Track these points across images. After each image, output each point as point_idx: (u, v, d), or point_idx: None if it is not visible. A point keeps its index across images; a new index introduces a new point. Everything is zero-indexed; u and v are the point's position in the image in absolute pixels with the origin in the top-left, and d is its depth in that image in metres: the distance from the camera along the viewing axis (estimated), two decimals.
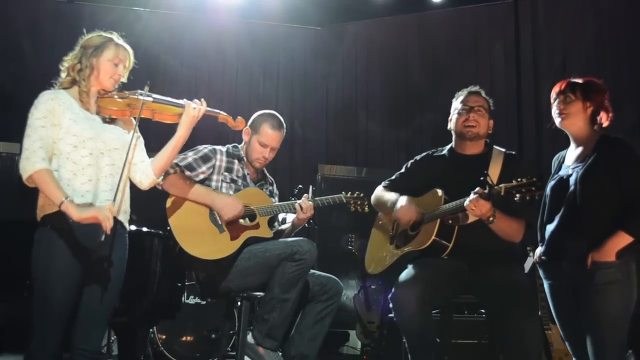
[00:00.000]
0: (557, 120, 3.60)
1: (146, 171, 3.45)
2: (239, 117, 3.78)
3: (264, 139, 4.16)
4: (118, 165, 3.26)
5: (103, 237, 3.03)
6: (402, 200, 3.94)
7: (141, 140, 3.50)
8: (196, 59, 8.68)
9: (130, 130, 3.39)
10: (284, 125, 4.26)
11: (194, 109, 3.46)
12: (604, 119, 3.57)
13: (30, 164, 3.03)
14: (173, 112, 3.46)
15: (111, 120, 3.35)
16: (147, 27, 7.75)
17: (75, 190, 3.13)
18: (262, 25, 8.83)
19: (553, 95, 3.62)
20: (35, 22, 7.79)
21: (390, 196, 4.08)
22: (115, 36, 3.40)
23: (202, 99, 3.54)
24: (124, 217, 3.34)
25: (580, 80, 3.60)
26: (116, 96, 3.35)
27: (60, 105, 3.17)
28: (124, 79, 3.43)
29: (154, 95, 3.42)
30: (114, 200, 3.13)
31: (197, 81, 8.67)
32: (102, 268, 3.17)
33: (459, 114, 3.97)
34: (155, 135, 3.73)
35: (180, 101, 3.50)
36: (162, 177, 3.88)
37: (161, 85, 8.12)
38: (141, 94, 3.35)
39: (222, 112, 3.69)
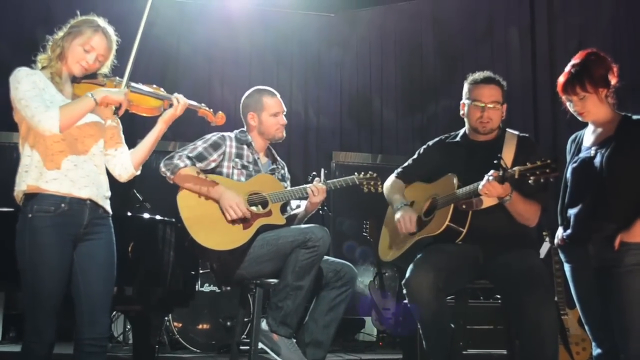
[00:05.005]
0: (579, 118, 3.54)
1: (125, 164, 3.40)
2: (219, 112, 3.63)
3: (273, 109, 4.18)
4: (93, 152, 3.23)
5: (118, 113, 3.18)
6: (401, 212, 3.90)
7: (120, 130, 3.45)
8: (210, 47, 8.68)
9: (106, 119, 3.33)
10: None
11: (181, 106, 3.35)
12: (614, 81, 3.49)
13: (48, 117, 2.96)
14: (150, 105, 3.34)
15: None
16: (160, 15, 7.72)
17: (42, 174, 3.10)
18: (275, 12, 8.82)
19: (562, 95, 3.51)
20: (49, 11, 7.81)
21: (396, 198, 4.05)
22: (101, 21, 3.29)
23: (180, 94, 3.41)
24: (105, 202, 3.30)
25: (578, 66, 3.46)
26: (91, 82, 3.24)
27: (40, 82, 3.12)
28: (105, 69, 3.32)
29: (133, 85, 3.29)
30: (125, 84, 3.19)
31: (210, 69, 8.68)
32: (92, 253, 3.18)
33: (472, 107, 3.92)
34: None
35: (160, 92, 3.38)
36: (171, 172, 3.89)
37: (175, 73, 8.24)
38: (118, 81, 3.25)
39: (202, 106, 3.56)
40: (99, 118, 3.29)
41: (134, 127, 3.59)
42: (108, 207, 3.32)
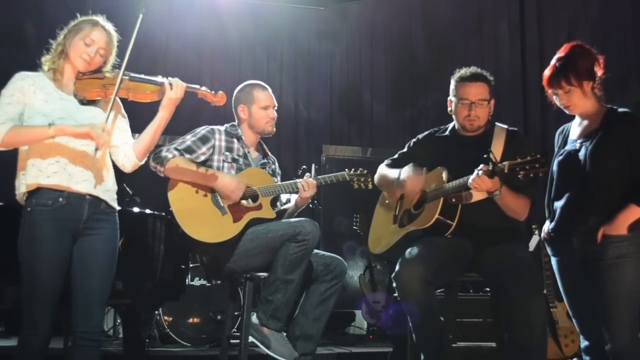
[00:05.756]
0: (566, 111, 3.55)
1: (128, 154, 3.40)
2: (219, 92, 3.58)
3: (264, 102, 4.19)
4: (93, 147, 3.20)
5: (96, 154, 3.12)
6: (407, 170, 3.92)
7: (125, 121, 3.47)
8: (199, 42, 8.63)
9: (110, 111, 3.30)
10: None
11: (175, 90, 3.30)
12: (599, 72, 3.50)
13: None
14: (149, 90, 3.34)
15: (90, 102, 3.29)
16: (148, 9, 7.68)
17: (42, 170, 3.12)
18: (264, 5, 8.77)
19: (548, 89, 3.52)
20: (37, 5, 7.76)
21: (394, 172, 4.06)
22: (100, 19, 3.34)
23: (176, 78, 3.38)
24: (109, 196, 3.31)
25: (563, 59, 3.47)
26: (92, 77, 3.29)
27: (32, 85, 3.16)
28: (108, 65, 3.36)
29: (131, 74, 3.31)
30: (106, 121, 3.14)
31: (200, 63, 8.62)
32: (92, 248, 3.20)
33: (459, 106, 3.90)
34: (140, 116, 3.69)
35: (157, 78, 3.37)
36: (161, 164, 3.88)
37: (164, 68, 8.19)
38: (117, 73, 3.26)
39: (201, 88, 3.52)
40: (100, 111, 3.31)
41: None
42: (112, 202, 3.33)
